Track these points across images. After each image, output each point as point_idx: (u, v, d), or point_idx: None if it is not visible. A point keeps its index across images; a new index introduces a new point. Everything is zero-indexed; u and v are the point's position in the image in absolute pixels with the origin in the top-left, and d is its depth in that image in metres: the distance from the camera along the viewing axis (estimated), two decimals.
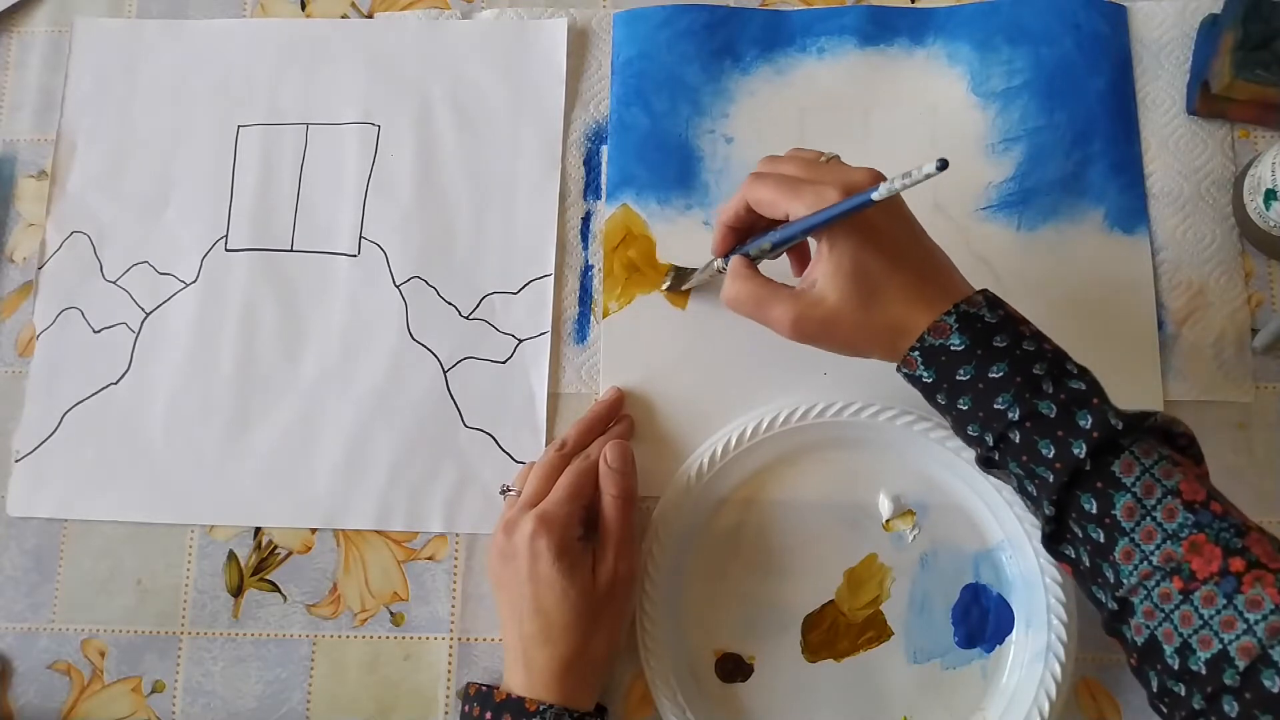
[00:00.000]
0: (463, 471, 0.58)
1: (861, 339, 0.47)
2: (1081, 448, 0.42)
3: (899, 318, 0.46)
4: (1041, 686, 0.52)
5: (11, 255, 0.63)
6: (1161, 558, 0.40)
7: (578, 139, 0.63)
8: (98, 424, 0.60)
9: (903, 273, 0.46)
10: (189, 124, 0.64)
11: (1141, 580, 0.41)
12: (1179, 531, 0.40)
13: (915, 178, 0.40)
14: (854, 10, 0.63)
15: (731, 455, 0.56)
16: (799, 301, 0.47)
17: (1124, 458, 0.42)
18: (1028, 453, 0.43)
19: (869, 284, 0.46)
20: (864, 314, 0.46)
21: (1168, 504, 0.41)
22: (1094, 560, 0.43)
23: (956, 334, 0.45)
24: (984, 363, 0.44)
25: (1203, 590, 0.39)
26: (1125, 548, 0.41)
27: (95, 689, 0.57)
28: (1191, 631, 0.39)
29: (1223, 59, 0.58)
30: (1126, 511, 0.41)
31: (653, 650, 0.54)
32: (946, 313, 0.45)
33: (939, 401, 0.47)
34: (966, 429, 0.46)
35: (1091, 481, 0.42)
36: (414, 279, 0.61)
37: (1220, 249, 0.59)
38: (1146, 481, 0.41)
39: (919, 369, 0.46)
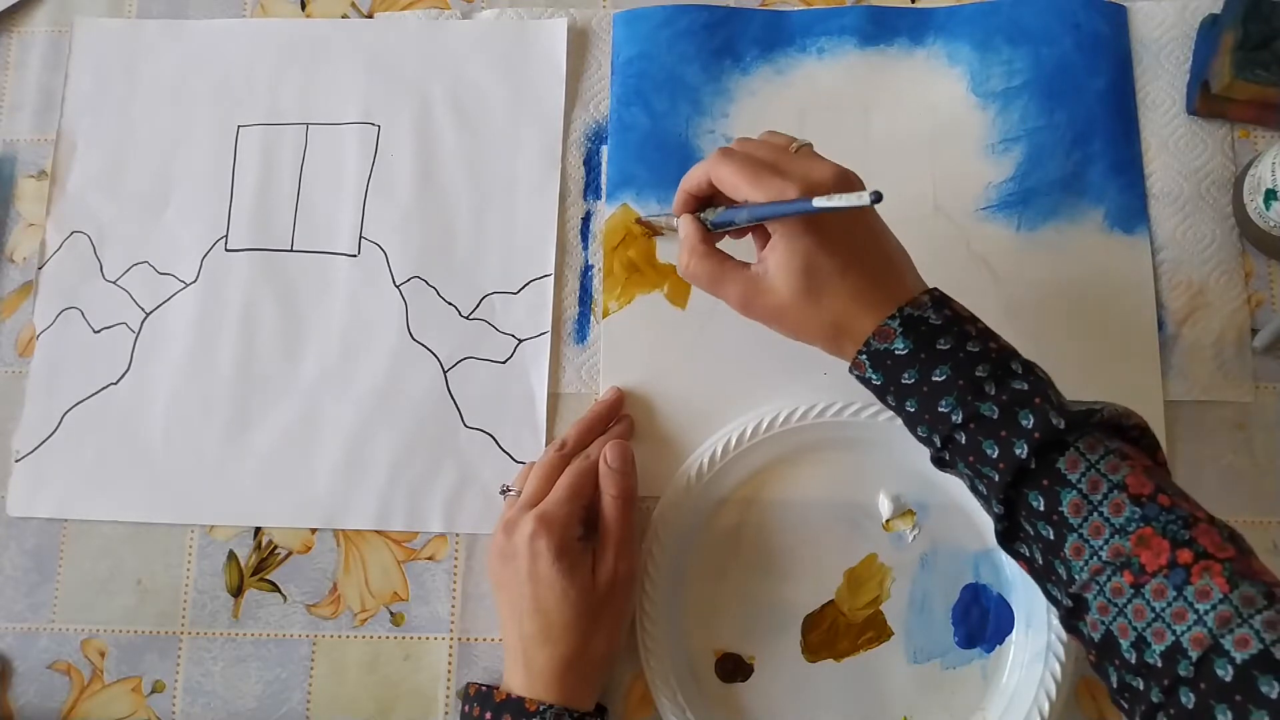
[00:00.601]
0: (463, 471, 0.58)
1: (806, 332, 0.48)
2: (1023, 448, 0.42)
3: (843, 317, 0.46)
4: (1041, 686, 0.52)
5: (11, 255, 0.63)
6: (1110, 552, 0.40)
7: (578, 139, 0.63)
8: (98, 424, 0.60)
9: (852, 274, 0.46)
10: (189, 124, 0.64)
11: (1093, 576, 0.41)
12: (1126, 525, 0.40)
13: (849, 202, 0.40)
14: (854, 10, 0.63)
15: (731, 455, 0.56)
16: (750, 285, 0.48)
17: (1069, 454, 0.42)
18: (974, 454, 0.44)
19: (816, 281, 0.46)
20: (810, 309, 0.47)
21: (1114, 498, 0.41)
22: (1046, 557, 0.43)
23: (900, 338, 0.45)
24: (927, 366, 0.45)
25: (1153, 583, 0.39)
26: (1075, 543, 0.41)
27: (95, 689, 0.57)
28: (1145, 625, 0.39)
29: (1223, 59, 0.58)
30: (1073, 508, 0.41)
31: (653, 650, 0.54)
32: (891, 316, 0.45)
33: (889, 403, 0.47)
34: (916, 430, 0.46)
35: (1038, 479, 0.42)
36: (414, 279, 0.61)
37: (1220, 249, 0.59)
38: (1092, 477, 0.41)
39: (867, 372, 0.46)
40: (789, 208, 0.45)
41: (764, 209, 0.46)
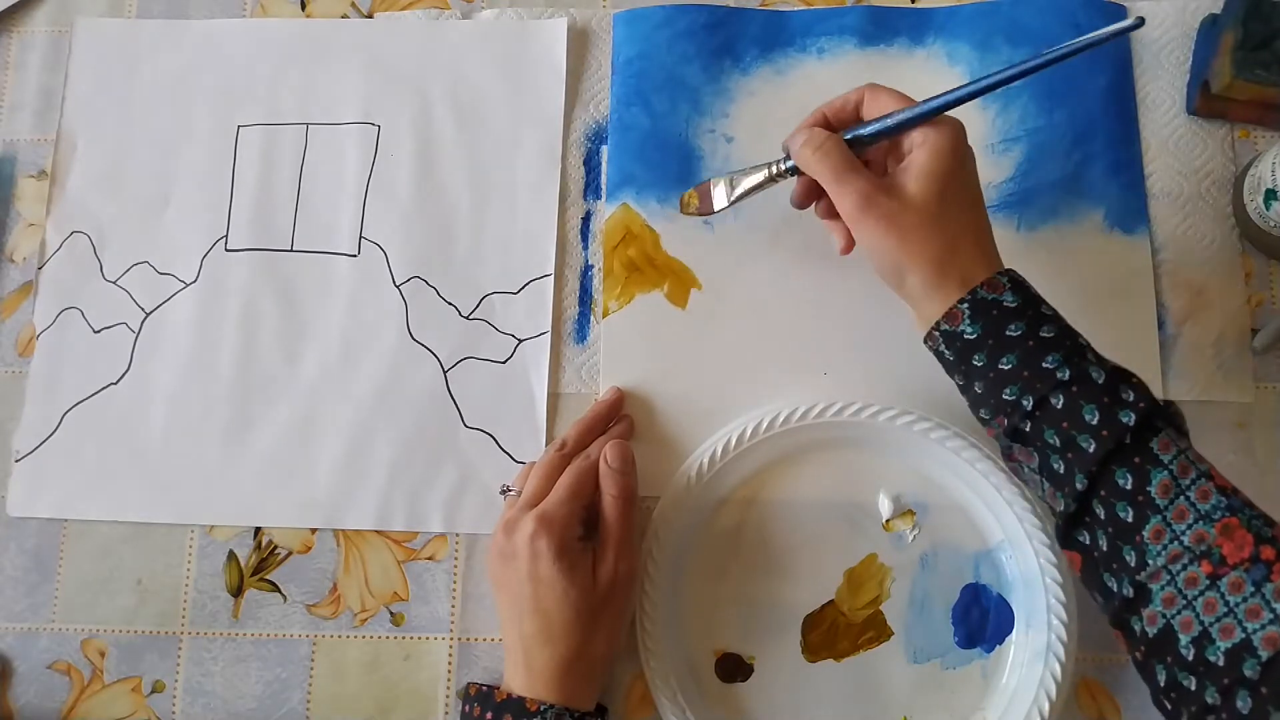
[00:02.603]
0: (463, 471, 0.58)
1: (916, 243, 0.47)
2: (1130, 417, 0.42)
3: (957, 244, 0.47)
4: (1041, 686, 0.52)
5: (11, 255, 0.63)
6: (1193, 538, 0.40)
7: (578, 139, 0.63)
8: (98, 424, 0.60)
9: (975, 213, 0.48)
10: (189, 124, 0.64)
11: (1168, 563, 0.40)
12: (1212, 513, 0.40)
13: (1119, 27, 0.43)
14: (854, 10, 0.63)
15: (731, 455, 0.56)
16: (876, 185, 0.48)
17: (1161, 436, 0.42)
18: (1070, 418, 0.43)
19: (948, 197, 0.47)
20: (931, 223, 0.47)
21: (1201, 485, 0.41)
22: (1114, 543, 0.42)
23: (1010, 292, 0.46)
24: (1035, 322, 0.45)
25: (1231, 576, 0.39)
26: (1156, 526, 0.41)
27: (95, 689, 0.57)
28: (1214, 619, 0.39)
29: (1223, 59, 0.58)
30: (1162, 489, 0.41)
31: (653, 650, 0.54)
32: (1001, 272, 0.46)
33: (974, 363, 0.46)
34: (1003, 392, 0.45)
35: (1130, 456, 0.42)
36: (414, 279, 0.61)
37: (1220, 249, 0.59)
38: (1182, 462, 0.42)
39: (963, 323, 0.46)
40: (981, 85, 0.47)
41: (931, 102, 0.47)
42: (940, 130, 0.48)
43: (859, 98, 0.51)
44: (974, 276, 0.46)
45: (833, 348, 0.59)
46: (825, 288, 0.59)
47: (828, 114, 0.52)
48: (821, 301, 0.59)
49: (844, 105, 0.51)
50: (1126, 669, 0.55)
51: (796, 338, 0.59)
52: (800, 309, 0.59)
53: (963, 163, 0.48)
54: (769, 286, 0.60)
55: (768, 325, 0.59)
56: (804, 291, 0.59)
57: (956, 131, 0.48)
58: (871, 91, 0.50)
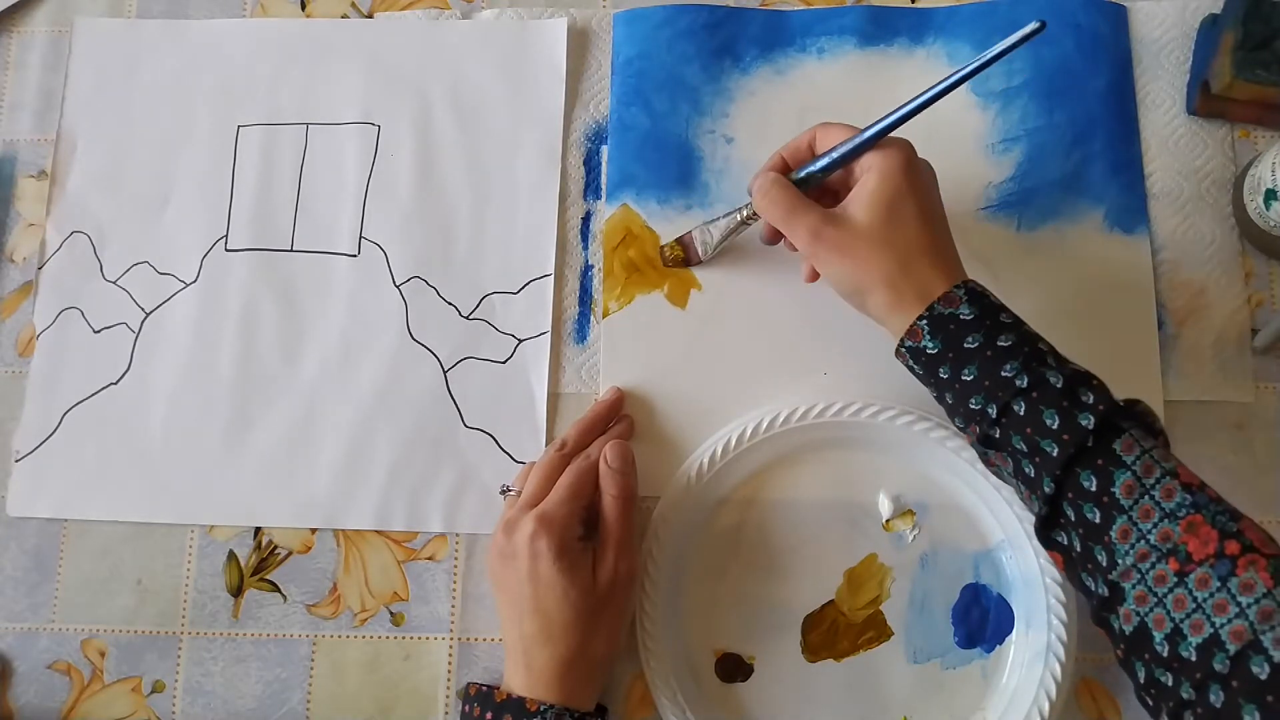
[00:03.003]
0: (463, 471, 0.58)
1: (871, 266, 0.48)
2: (1089, 419, 0.42)
3: (912, 263, 0.47)
4: (1041, 686, 0.52)
5: (11, 255, 0.63)
6: (1159, 536, 0.40)
7: (578, 139, 0.63)
8: (98, 424, 0.60)
9: (929, 229, 0.48)
10: (189, 124, 0.64)
11: (1137, 561, 0.41)
12: (1177, 511, 0.40)
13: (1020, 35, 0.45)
14: (854, 10, 0.63)
15: (731, 455, 0.56)
16: (825, 215, 0.49)
17: (1124, 437, 0.43)
18: (1032, 425, 0.44)
19: (897, 219, 0.48)
20: (883, 246, 0.48)
21: (1166, 484, 0.41)
22: (1086, 543, 0.43)
23: (966, 304, 0.46)
24: (992, 332, 0.46)
25: (1198, 572, 0.39)
26: (1122, 526, 0.41)
27: (95, 689, 0.57)
28: (1184, 616, 0.39)
29: (1223, 59, 0.58)
30: (1126, 489, 0.42)
31: (653, 650, 0.54)
32: (957, 285, 0.47)
33: (940, 375, 0.47)
34: (968, 402, 0.46)
35: (1093, 459, 0.43)
36: (414, 279, 0.61)
37: (1220, 249, 0.59)
38: (1146, 461, 0.42)
39: (924, 339, 0.47)
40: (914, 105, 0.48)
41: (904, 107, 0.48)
42: (886, 153, 0.49)
43: (811, 137, 0.52)
44: (932, 291, 0.47)
45: (833, 348, 0.59)
46: (825, 288, 0.59)
47: (785, 156, 0.53)
48: (821, 301, 0.59)
49: (799, 146, 0.53)
50: None
51: (796, 338, 0.59)
52: (800, 309, 0.59)
53: (911, 181, 0.49)
54: (769, 286, 0.60)
55: (768, 325, 0.59)
56: (804, 291, 0.59)
57: (902, 151, 0.49)
58: (822, 130, 0.52)
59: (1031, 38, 0.46)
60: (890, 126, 0.49)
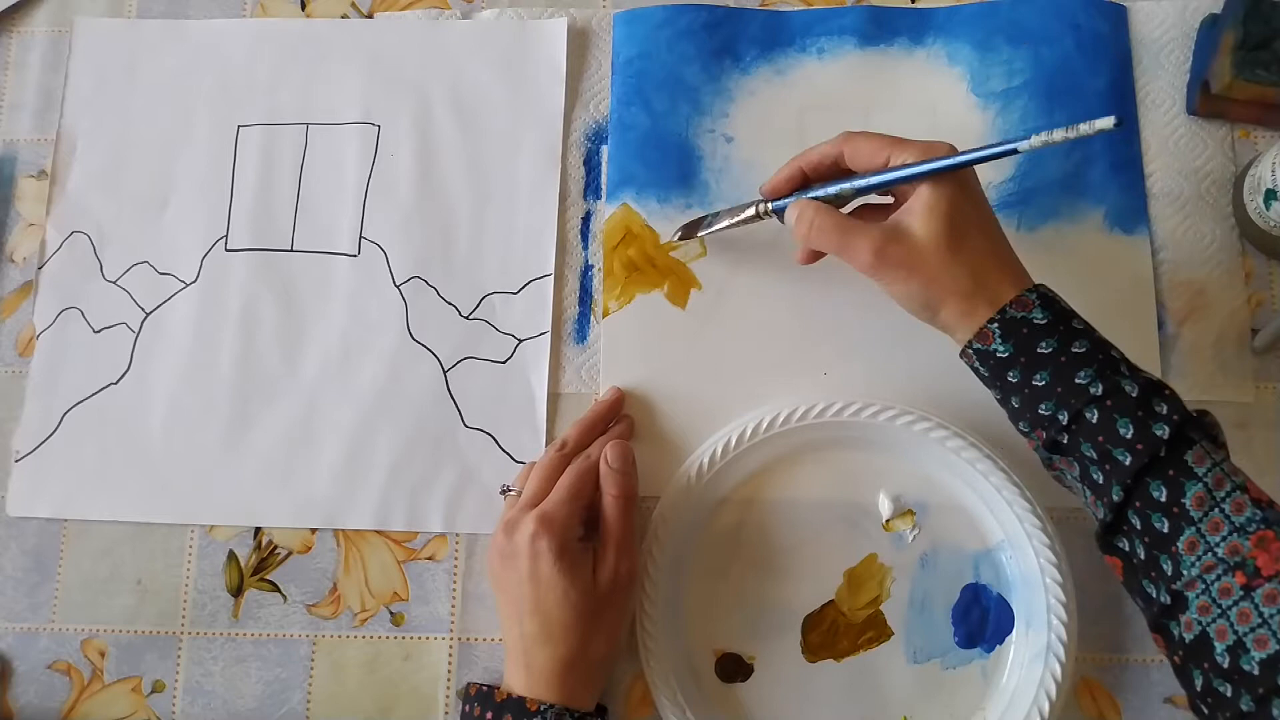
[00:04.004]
0: (463, 471, 0.58)
1: (941, 281, 0.47)
2: (1164, 430, 0.42)
3: (983, 272, 0.47)
4: (1041, 686, 0.52)
5: (11, 255, 0.63)
6: (1227, 550, 0.40)
7: (578, 139, 0.63)
8: (98, 424, 0.60)
9: (991, 235, 0.48)
10: (189, 124, 0.64)
11: (1202, 573, 0.41)
12: (1247, 526, 0.40)
13: (1083, 132, 0.42)
14: (854, 10, 0.63)
15: (731, 455, 0.56)
16: (885, 235, 0.47)
17: (1196, 449, 0.42)
18: (1105, 433, 0.43)
19: (960, 230, 0.47)
20: (950, 257, 0.46)
21: (1236, 498, 0.41)
22: (1150, 552, 0.43)
23: (1039, 309, 0.46)
24: (1066, 338, 0.45)
25: (1266, 588, 0.39)
26: (1190, 538, 0.41)
27: (95, 689, 0.57)
28: (1248, 629, 0.39)
29: (1223, 59, 0.58)
30: (1196, 501, 0.41)
31: (653, 650, 0.54)
32: (1029, 290, 0.46)
33: (1008, 379, 0.46)
34: (1038, 408, 0.45)
35: (1164, 469, 0.42)
36: (414, 279, 0.61)
37: (1220, 249, 0.59)
38: (1217, 474, 0.42)
39: (995, 343, 0.46)
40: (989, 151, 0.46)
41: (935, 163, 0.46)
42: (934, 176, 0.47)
43: (837, 151, 0.50)
44: (1003, 296, 0.46)
45: (833, 348, 0.59)
46: (825, 287, 0.59)
47: (805, 169, 0.52)
48: (821, 301, 0.59)
49: (822, 160, 0.51)
50: (1126, 669, 0.55)
51: (796, 338, 0.59)
52: (800, 309, 0.59)
53: (966, 190, 0.48)
54: (769, 286, 0.60)
55: (768, 325, 0.59)
56: (804, 291, 0.59)
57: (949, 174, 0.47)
58: (849, 140, 0.50)
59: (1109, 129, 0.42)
60: (948, 168, 0.47)
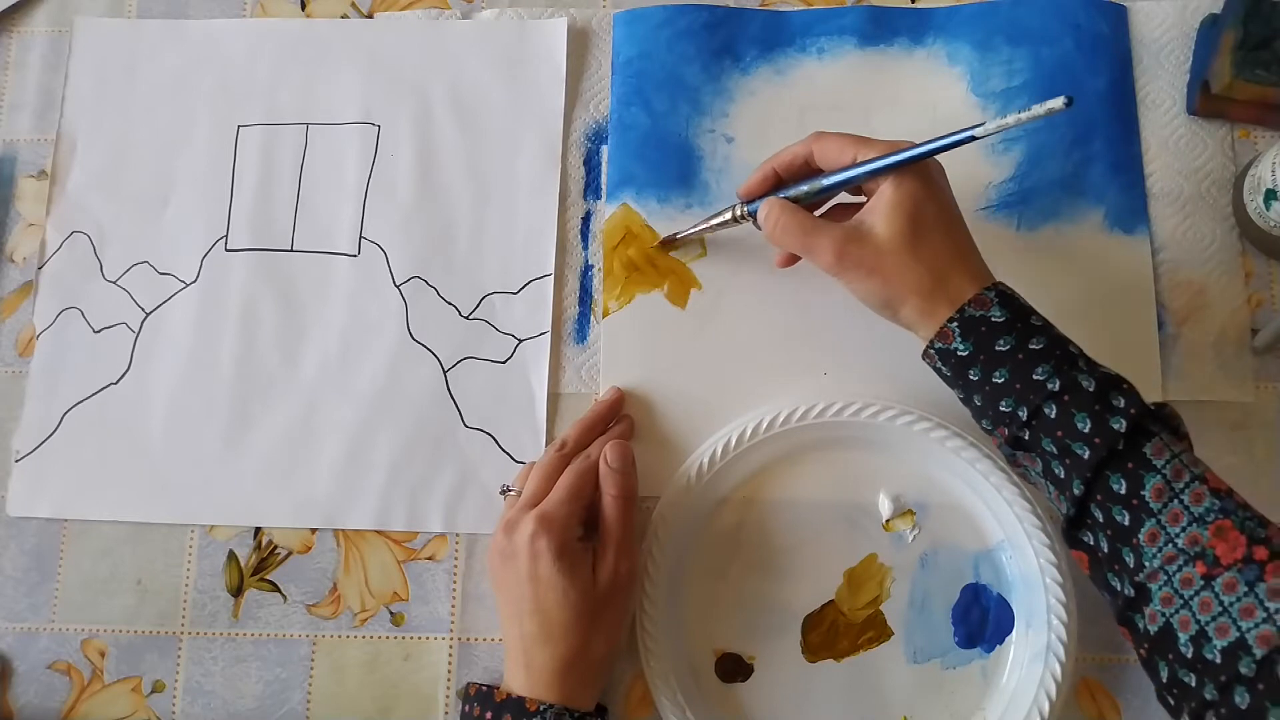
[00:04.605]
0: (463, 471, 0.58)
1: (902, 281, 0.47)
2: (1121, 423, 0.43)
3: (943, 271, 0.47)
4: (1041, 686, 0.52)
5: (11, 255, 0.63)
6: (1187, 540, 0.41)
7: (578, 139, 0.63)
8: (98, 424, 0.60)
9: (954, 234, 0.48)
10: (189, 124, 0.64)
11: (1164, 564, 0.41)
12: (1205, 515, 0.41)
13: (1036, 113, 0.42)
14: (854, 10, 0.63)
15: (731, 455, 0.56)
16: (846, 232, 0.48)
17: (1154, 441, 0.43)
18: (1064, 428, 0.44)
19: (922, 228, 0.47)
20: (910, 256, 0.47)
21: (1195, 489, 0.41)
22: (1113, 545, 0.43)
23: (997, 307, 0.46)
24: (1024, 335, 0.45)
25: (1225, 576, 0.39)
26: (1151, 529, 0.42)
27: (95, 689, 0.57)
28: (1209, 619, 0.39)
29: (1223, 59, 0.58)
30: (1155, 493, 0.42)
31: (653, 650, 0.54)
32: (987, 288, 0.46)
33: (969, 377, 0.47)
34: (999, 405, 0.46)
35: (1123, 462, 0.43)
36: (414, 279, 0.61)
37: (1220, 249, 0.59)
38: (1175, 466, 0.42)
39: (955, 341, 0.46)
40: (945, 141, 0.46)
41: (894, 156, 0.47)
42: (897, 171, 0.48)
43: (807, 150, 0.51)
44: (963, 295, 0.47)
45: (833, 348, 0.59)
46: (825, 287, 0.59)
47: (778, 169, 0.52)
48: (821, 301, 0.59)
49: (793, 159, 0.52)
50: (1126, 669, 0.55)
51: (796, 338, 0.59)
52: (800, 309, 0.59)
53: (929, 188, 0.48)
54: (769, 286, 0.59)
55: (768, 325, 0.59)
56: (804, 291, 0.59)
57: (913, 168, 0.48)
58: (819, 142, 0.50)
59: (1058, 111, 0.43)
60: (909, 160, 0.47)
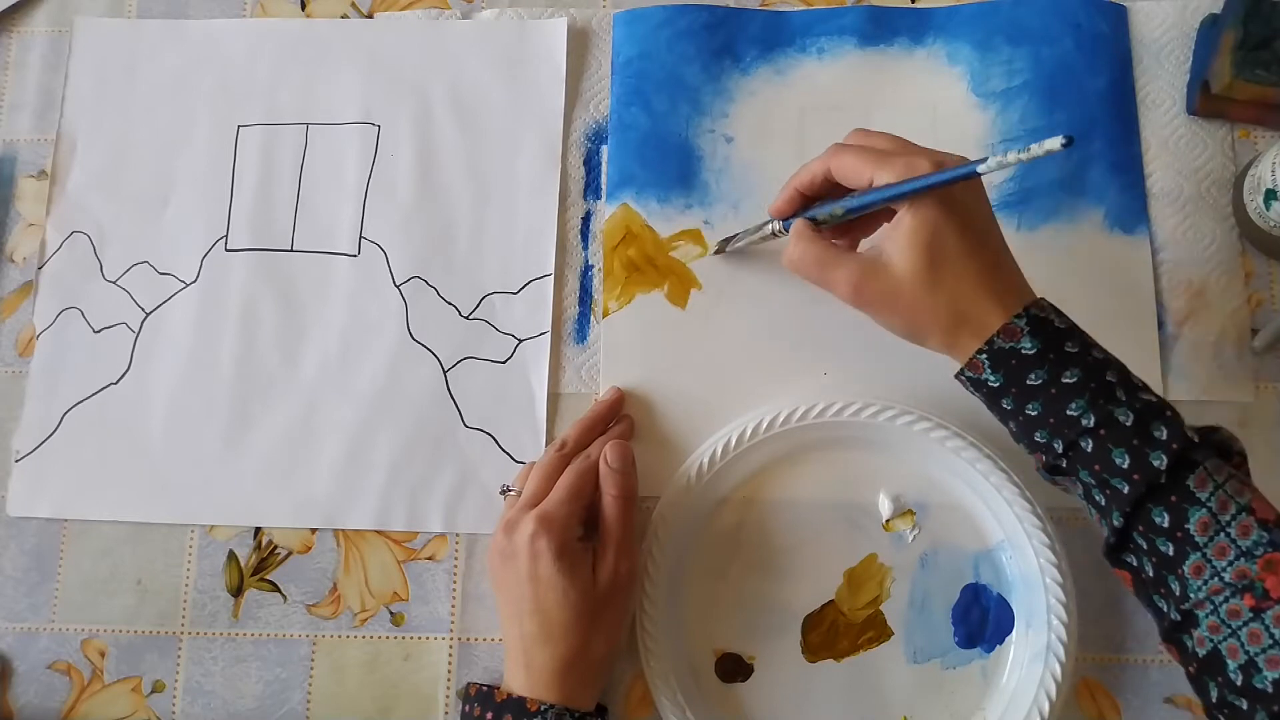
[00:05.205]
0: (463, 471, 0.58)
1: (922, 318, 0.45)
2: (1161, 459, 0.41)
3: (965, 304, 0.44)
4: (1041, 686, 0.52)
5: (11, 255, 0.63)
6: (1235, 574, 0.40)
7: (578, 139, 0.63)
8: (98, 424, 0.60)
9: (978, 259, 0.45)
10: (189, 124, 0.64)
11: (1210, 595, 0.40)
12: (1254, 549, 0.40)
13: (1034, 153, 0.39)
14: (854, 10, 0.63)
15: (731, 455, 0.56)
16: (863, 266, 0.46)
17: (1198, 473, 0.41)
18: (1100, 462, 0.43)
19: (940, 260, 0.44)
20: (930, 291, 0.45)
21: (1242, 520, 0.40)
22: (1159, 572, 0.42)
23: (1028, 337, 0.44)
24: (1056, 368, 0.43)
25: (1275, 610, 0.39)
26: (1196, 562, 0.41)
27: (95, 689, 0.57)
28: (1259, 650, 0.39)
29: (1223, 59, 0.58)
30: (1201, 527, 0.41)
31: (653, 650, 0.54)
32: (1017, 315, 0.44)
33: (1003, 406, 0.45)
34: (1034, 435, 0.45)
35: (1165, 495, 0.42)
36: (414, 279, 0.61)
37: (1220, 249, 0.59)
38: (1221, 497, 0.41)
39: (985, 373, 0.45)
40: (947, 175, 0.43)
41: (906, 185, 0.44)
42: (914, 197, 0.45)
43: (824, 167, 0.48)
44: (988, 327, 0.44)
45: (833, 348, 0.59)
46: None
47: (800, 189, 0.50)
48: (821, 301, 0.58)
49: (813, 178, 0.49)
50: (1126, 669, 0.55)
51: (796, 338, 0.59)
52: (800, 309, 0.59)
53: (949, 212, 0.45)
54: (769, 286, 0.59)
55: (768, 325, 0.59)
56: (804, 291, 0.59)
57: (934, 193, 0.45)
58: (836, 155, 0.48)
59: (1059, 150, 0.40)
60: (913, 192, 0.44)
